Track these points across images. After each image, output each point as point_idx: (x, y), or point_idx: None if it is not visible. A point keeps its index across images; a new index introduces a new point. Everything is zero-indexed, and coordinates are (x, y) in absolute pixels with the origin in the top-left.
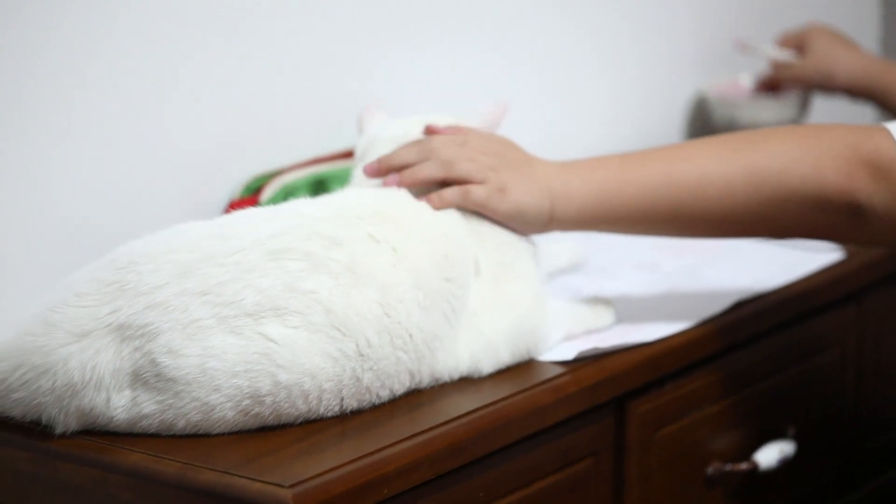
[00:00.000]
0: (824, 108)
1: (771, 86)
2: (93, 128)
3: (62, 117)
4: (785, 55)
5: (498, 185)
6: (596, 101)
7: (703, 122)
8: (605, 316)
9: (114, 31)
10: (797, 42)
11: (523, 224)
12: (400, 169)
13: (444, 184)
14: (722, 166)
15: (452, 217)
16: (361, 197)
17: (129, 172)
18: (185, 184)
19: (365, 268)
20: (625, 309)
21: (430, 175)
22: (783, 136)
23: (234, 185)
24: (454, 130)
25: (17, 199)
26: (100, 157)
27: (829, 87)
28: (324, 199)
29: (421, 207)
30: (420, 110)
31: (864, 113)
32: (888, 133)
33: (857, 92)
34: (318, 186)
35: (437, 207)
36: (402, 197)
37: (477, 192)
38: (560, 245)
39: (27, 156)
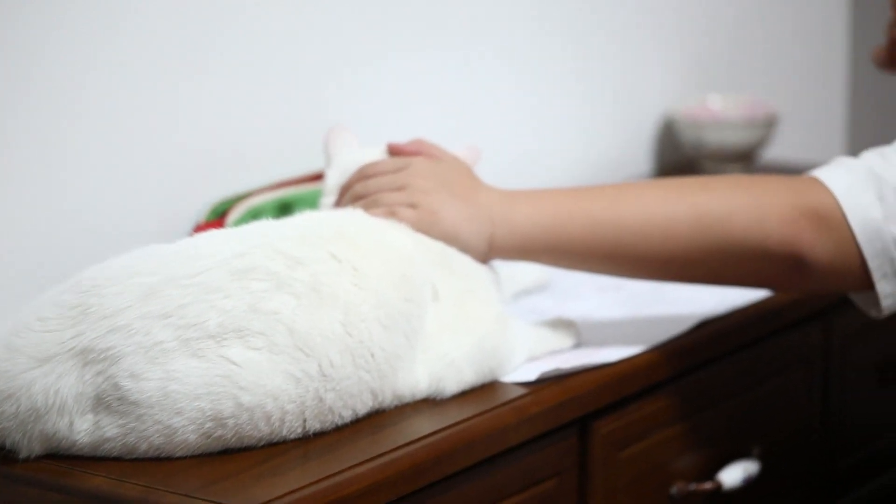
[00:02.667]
0: (786, 137)
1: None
2: (56, 151)
3: (20, 145)
4: None
5: (429, 209)
6: (563, 123)
7: (672, 143)
8: (567, 337)
9: (76, 53)
10: None
11: (461, 248)
12: None
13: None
14: (667, 208)
15: (410, 242)
16: (324, 218)
17: (94, 197)
18: (150, 207)
19: (327, 287)
20: (588, 330)
21: None
22: (729, 183)
23: (201, 208)
24: (416, 147)
25: None
26: (65, 182)
27: None
28: (287, 221)
29: (379, 230)
30: (388, 133)
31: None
32: (823, 184)
33: None
34: (285, 209)
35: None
36: (362, 219)
37: (405, 214)
38: (525, 266)
39: None
